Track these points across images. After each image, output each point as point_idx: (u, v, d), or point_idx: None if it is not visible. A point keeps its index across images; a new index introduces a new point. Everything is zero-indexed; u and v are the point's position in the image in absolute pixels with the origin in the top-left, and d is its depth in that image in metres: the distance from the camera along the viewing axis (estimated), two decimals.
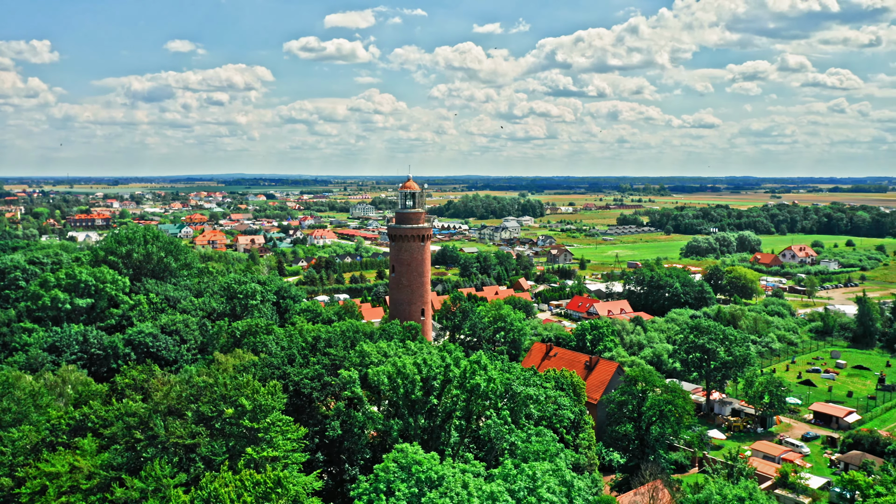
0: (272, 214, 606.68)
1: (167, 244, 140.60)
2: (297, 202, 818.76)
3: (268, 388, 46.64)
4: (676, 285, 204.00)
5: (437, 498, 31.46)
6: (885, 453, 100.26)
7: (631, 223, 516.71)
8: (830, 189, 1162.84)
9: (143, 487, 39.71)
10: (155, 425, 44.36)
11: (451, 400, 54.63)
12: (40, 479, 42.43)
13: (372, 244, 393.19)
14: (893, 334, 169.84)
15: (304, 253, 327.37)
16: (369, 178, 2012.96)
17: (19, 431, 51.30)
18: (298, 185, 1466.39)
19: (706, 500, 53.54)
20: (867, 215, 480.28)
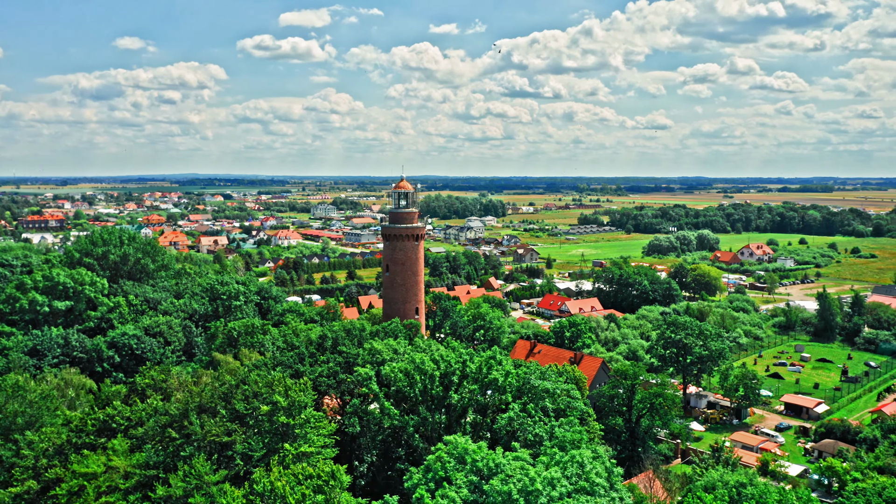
0: (232, 215, 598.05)
1: (144, 245, 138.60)
2: (256, 203, 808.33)
3: (299, 384, 47.20)
4: (645, 283, 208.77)
5: (500, 485, 32.69)
6: (857, 441, 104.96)
7: (592, 223, 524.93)
8: (780, 189, 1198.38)
9: (185, 485, 39.96)
10: (190, 423, 44.54)
11: (469, 395, 55.86)
12: (77, 480, 42.24)
13: (337, 245, 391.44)
14: (852, 328, 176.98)
15: (269, 254, 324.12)
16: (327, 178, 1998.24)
17: (40, 434, 50.78)
18: (255, 185, 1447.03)
19: (712, 486, 55.88)
20: (818, 214, 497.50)
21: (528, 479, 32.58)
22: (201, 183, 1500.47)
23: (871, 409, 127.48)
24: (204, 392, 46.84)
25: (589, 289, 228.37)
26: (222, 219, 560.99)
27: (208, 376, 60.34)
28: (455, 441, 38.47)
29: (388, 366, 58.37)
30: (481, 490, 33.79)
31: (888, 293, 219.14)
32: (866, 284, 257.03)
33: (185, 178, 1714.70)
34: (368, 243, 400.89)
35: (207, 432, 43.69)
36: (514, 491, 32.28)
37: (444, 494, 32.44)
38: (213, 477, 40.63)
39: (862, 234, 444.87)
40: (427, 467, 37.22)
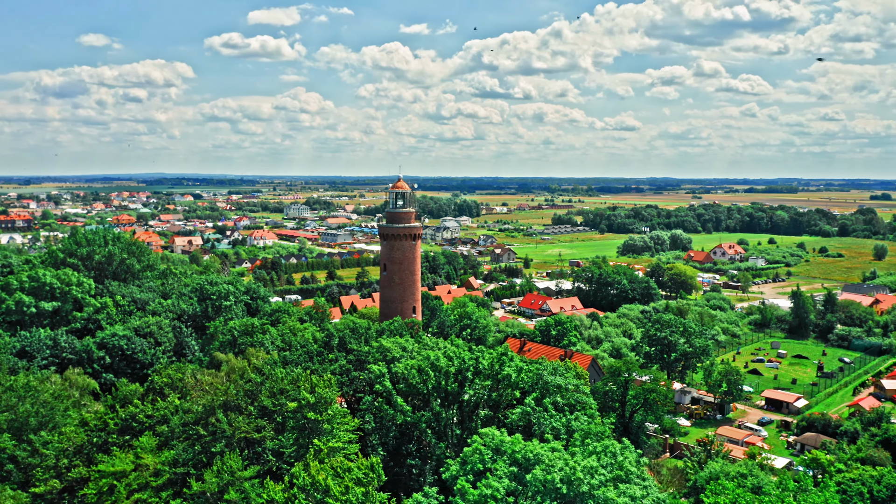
0: (203, 215, 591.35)
1: (129, 245, 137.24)
2: (227, 203, 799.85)
3: (324, 380, 47.86)
4: (624, 282, 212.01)
5: (543, 474, 33.84)
6: (838, 434, 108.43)
7: (566, 223, 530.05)
8: (746, 190, 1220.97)
9: (219, 481, 40.43)
10: (218, 420, 44.95)
11: (483, 390, 57.00)
12: (107, 479, 42.40)
13: (314, 245, 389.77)
14: (826, 325, 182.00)
15: (246, 254, 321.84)
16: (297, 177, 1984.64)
17: (59, 434, 50.75)
18: (224, 184, 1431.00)
19: (716, 477, 57.72)
20: (786, 215, 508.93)
21: (569, 468, 33.81)
22: (169, 182, 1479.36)
23: (848, 403, 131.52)
24: (229, 390, 47.22)
25: (569, 288, 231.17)
26: (194, 219, 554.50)
27: (222, 375, 60.65)
28: (491, 433, 39.57)
29: (401, 363, 59.21)
30: (521, 480, 34.93)
31: (857, 291, 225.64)
32: (835, 283, 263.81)
33: (153, 178, 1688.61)
34: (345, 243, 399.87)
35: (237, 429, 44.17)
36: (556, 479, 33.48)
37: (487, 485, 33.47)
38: (245, 472, 41.15)
39: (828, 234, 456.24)
40: (463, 459, 38.25)
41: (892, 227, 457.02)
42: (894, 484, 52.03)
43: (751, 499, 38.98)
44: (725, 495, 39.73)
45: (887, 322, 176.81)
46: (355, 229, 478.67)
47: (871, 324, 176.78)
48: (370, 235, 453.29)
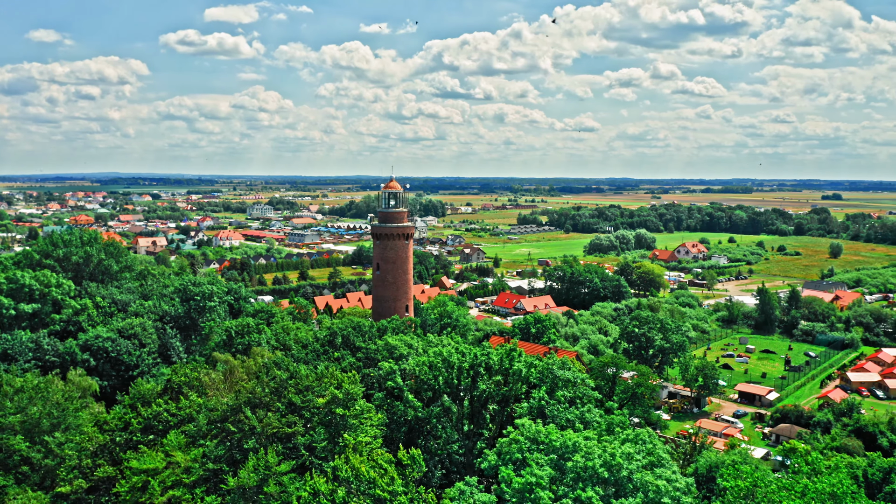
0: (164, 216, 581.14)
1: (107, 246, 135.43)
2: (188, 203, 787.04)
3: (350, 377, 48.76)
4: (596, 280, 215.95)
5: (584, 461, 35.45)
6: (811, 425, 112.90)
7: (531, 222, 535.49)
8: (703, 190, 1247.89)
9: (257, 476, 41.12)
10: (247, 417, 45.53)
11: (493, 385, 58.51)
12: (140, 476, 42.70)
13: (281, 245, 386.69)
14: (790, 321, 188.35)
15: (213, 255, 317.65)
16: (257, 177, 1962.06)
17: (80, 434, 50.74)
18: (181, 184, 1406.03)
19: (716, 465, 60.27)
20: (744, 214, 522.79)
21: (608, 454, 35.51)
22: (124, 182, 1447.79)
23: (816, 395, 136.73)
24: (257, 387, 47.82)
25: (541, 287, 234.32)
26: (155, 219, 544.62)
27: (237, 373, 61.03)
28: (527, 424, 41.07)
29: (411, 360, 60.35)
30: (560, 468, 36.48)
31: (818, 288, 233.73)
32: (795, 280, 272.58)
33: (107, 178, 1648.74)
34: (312, 244, 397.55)
35: (267, 425, 44.84)
36: (597, 465, 35.13)
37: (531, 472, 34.92)
38: (281, 467, 41.92)
39: (785, 233, 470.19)
40: (500, 450, 39.68)
41: (845, 226, 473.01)
42: (886, 467, 55.30)
43: (769, 480, 41.24)
44: (743, 478, 41.88)
45: (849, 318, 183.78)
46: (322, 229, 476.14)
47: (833, 319, 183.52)
48: (337, 235, 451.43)
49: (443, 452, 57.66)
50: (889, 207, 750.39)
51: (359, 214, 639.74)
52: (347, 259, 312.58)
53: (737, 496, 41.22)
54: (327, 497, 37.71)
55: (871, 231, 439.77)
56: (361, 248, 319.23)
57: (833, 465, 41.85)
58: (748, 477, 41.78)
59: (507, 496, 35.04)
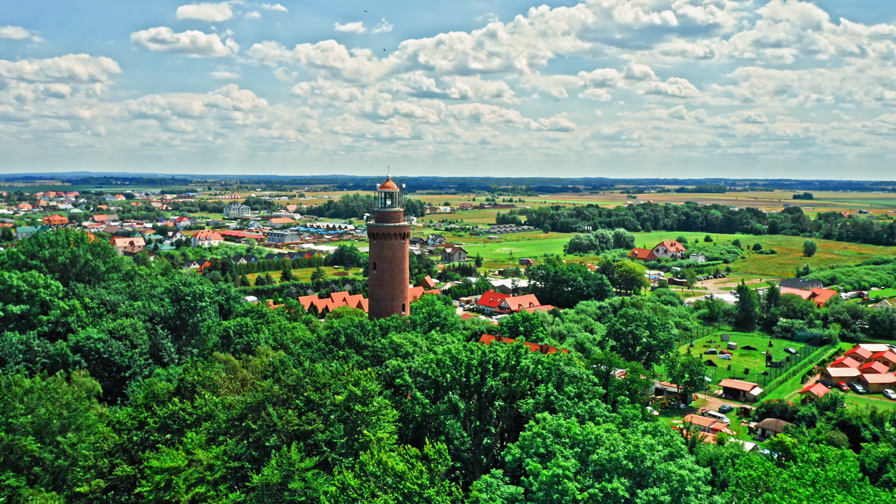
0: (140, 215, 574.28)
1: (94, 246, 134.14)
2: (163, 202, 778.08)
3: (367, 374, 49.36)
4: (579, 279, 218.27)
5: (608, 453, 36.54)
6: (795, 419, 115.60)
7: (510, 222, 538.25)
8: (677, 189, 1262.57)
9: (281, 472, 41.61)
10: (268, 414, 45.95)
11: (501, 382, 59.48)
12: (163, 475, 42.94)
13: (261, 245, 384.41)
14: (770, 318, 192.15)
15: (193, 255, 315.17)
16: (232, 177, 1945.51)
17: (96, 434, 50.82)
18: (155, 184, 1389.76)
19: (716, 458, 61.87)
20: (720, 213, 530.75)
21: (632, 445, 36.65)
22: (96, 182, 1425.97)
23: (799, 390, 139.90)
24: (274, 386, 48.25)
25: (525, 286, 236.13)
26: (130, 219, 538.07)
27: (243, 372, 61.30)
28: (549, 418, 42.06)
29: (419, 357, 61.10)
30: (583, 460, 37.55)
31: (795, 286, 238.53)
32: (771, 278, 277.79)
33: (78, 177, 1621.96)
34: (292, 243, 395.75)
35: (287, 422, 45.31)
36: (621, 457, 36.26)
37: (557, 464, 35.93)
38: (304, 463, 42.44)
39: (759, 232, 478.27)
40: (523, 444, 40.63)
41: (817, 225, 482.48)
42: (882, 457, 57.32)
43: (779, 470, 42.75)
44: (754, 468, 43.32)
45: (826, 314, 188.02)
46: (301, 229, 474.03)
47: (811, 316, 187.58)
48: (317, 235, 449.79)
49: (452, 448, 58.45)
50: (859, 207, 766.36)
51: (337, 214, 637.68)
52: (329, 259, 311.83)
53: (748, 486, 42.64)
54: (356, 491, 38.36)
55: (842, 230, 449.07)
56: (343, 248, 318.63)
57: (840, 454, 43.43)
58: (759, 467, 43.19)
59: (535, 488, 36.01)
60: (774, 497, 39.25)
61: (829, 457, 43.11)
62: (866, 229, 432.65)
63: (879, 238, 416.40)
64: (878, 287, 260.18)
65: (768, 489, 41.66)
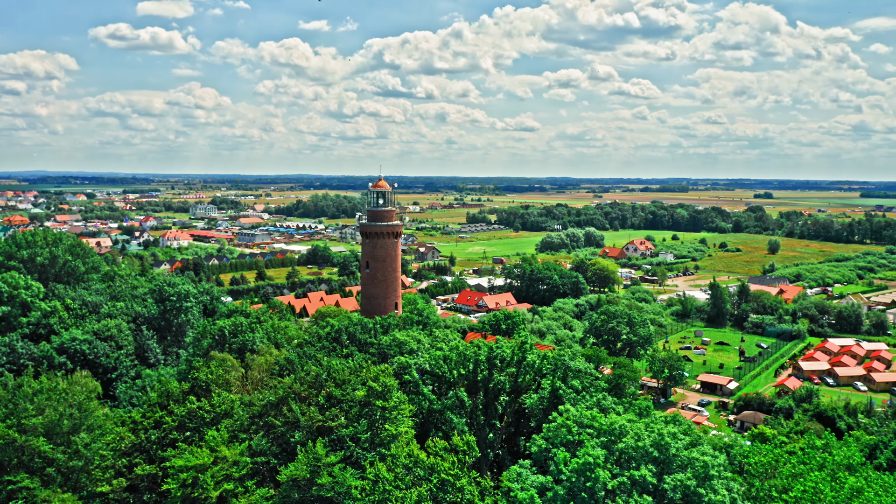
0: (103, 216, 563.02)
1: (73, 246, 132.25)
2: (126, 202, 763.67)
3: (386, 370, 50.17)
4: (555, 278, 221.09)
5: (634, 441, 38.05)
6: (773, 411, 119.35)
7: (480, 221, 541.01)
8: (642, 189, 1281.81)
9: (308, 468, 42.30)
10: (290, 410, 46.55)
11: (507, 377, 60.82)
12: (190, 472, 43.26)
13: (232, 245, 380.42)
14: (741, 314, 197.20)
15: (163, 255, 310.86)
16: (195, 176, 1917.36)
17: (112, 434, 50.82)
18: (115, 183, 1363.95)
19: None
20: (685, 212, 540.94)
21: (657, 434, 38.23)
22: (54, 181, 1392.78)
23: (773, 383, 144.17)
24: (295, 383, 48.83)
25: (501, 284, 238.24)
26: (94, 219, 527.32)
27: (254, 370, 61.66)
28: (572, 410, 43.43)
29: (426, 353, 62.13)
30: (609, 448, 39.01)
31: (762, 283, 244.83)
32: (738, 275, 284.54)
33: (35, 176, 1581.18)
34: (263, 243, 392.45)
35: (311, 418, 45.98)
36: (647, 444, 37.79)
37: (586, 453, 37.30)
38: (331, 458, 43.18)
39: (724, 230, 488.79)
40: (547, 434, 41.94)
41: (780, 224, 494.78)
42: (871, 444, 60.07)
43: (788, 456, 44.80)
44: (763, 455, 45.32)
45: (795, 310, 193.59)
46: (271, 229, 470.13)
47: (780, 312, 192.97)
48: (287, 235, 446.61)
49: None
50: (817, 205, 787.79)
51: (306, 214, 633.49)
52: (303, 259, 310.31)
53: (760, 472, 44.58)
54: (391, 483, 39.25)
55: (804, 228, 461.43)
56: (316, 247, 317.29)
57: (845, 440, 45.66)
58: (768, 453, 45.17)
59: (564, 477, 37.30)
60: (787, 482, 41.22)
61: (833, 442, 45.26)
62: (827, 227, 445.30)
63: (840, 236, 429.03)
64: (842, 283, 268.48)
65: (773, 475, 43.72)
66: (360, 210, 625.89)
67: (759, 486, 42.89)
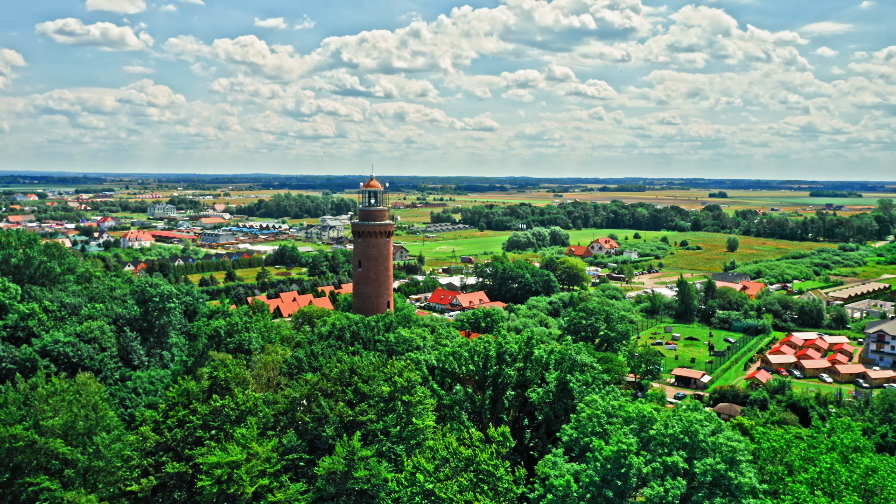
0: (58, 216, 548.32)
1: (48, 247, 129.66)
2: (80, 202, 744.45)
3: (407, 366, 51.26)
4: (527, 276, 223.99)
5: (664, 429, 39.88)
6: (747, 402, 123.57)
7: (445, 221, 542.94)
8: (600, 188, 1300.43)
9: (344, 462, 43.21)
10: (319, 406, 47.29)
11: (516, 371, 62.44)
12: (223, 469, 43.71)
13: (196, 245, 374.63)
14: (708, 310, 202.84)
15: (126, 257, 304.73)
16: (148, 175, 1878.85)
17: (136, 434, 50.90)
18: (66, 183, 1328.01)
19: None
20: (646, 212, 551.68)
21: (686, 421, 40.22)
22: (2, 180, 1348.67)
23: (743, 376, 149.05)
24: (322, 379, 49.56)
25: (473, 283, 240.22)
26: (48, 220, 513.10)
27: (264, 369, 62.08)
28: (599, 400, 45.18)
29: (439, 350, 63.33)
30: (639, 435, 40.86)
31: (725, 279, 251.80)
32: (700, 272, 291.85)
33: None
34: (228, 244, 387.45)
35: (341, 414, 46.83)
36: (677, 431, 39.73)
37: (619, 441, 39.03)
38: (366, 451, 44.17)
39: (683, 229, 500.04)
40: (577, 425, 43.59)
41: (736, 222, 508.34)
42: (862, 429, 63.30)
43: (796, 441, 47.34)
44: (773, 440, 47.75)
45: (760, 306, 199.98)
46: (234, 229, 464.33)
47: (746, 307, 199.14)
48: (251, 235, 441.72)
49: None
50: (770, 204, 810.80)
51: (269, 214, 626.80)
52: (270, 259, 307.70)
53: (772, 455, 46.97)
54: (432, 475, 40.41)
55: (760, 226, 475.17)
56: (284, 248, 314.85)
57: (847, 424, 48.39)
58: (779, 439, 47.60)
59: (599, 464, 38.99)
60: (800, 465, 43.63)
61: (838, 426, 47.94)
62: (782, 226, 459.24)
63: (794, 234, 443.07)
64: (800, 280, 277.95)
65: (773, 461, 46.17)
66: (323, 210, 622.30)
67: (772, 470, 45.24)
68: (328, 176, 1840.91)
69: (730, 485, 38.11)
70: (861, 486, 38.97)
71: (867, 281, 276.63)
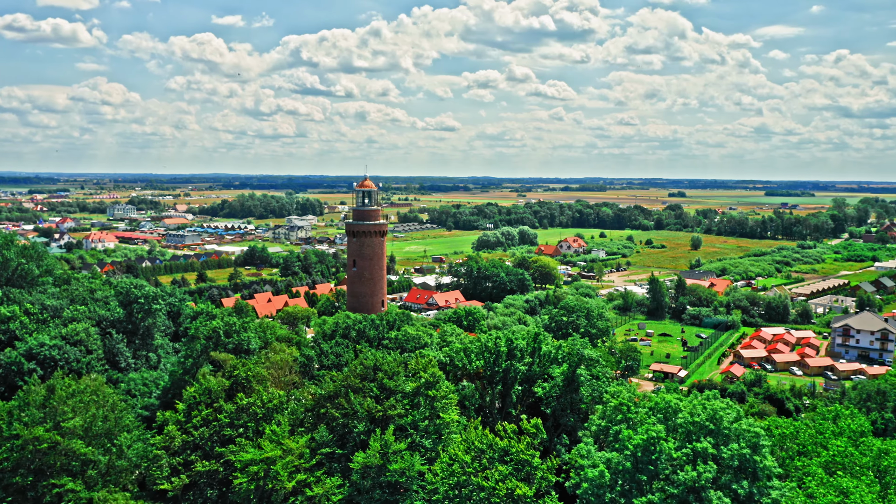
0: (14, 217, 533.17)
1: (26, 249, 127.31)
2: (34, 202, 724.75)
3: (429, 361, 52.42)
4: (502, 275, 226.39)
5: (690, 417, 41.83)
6: (725, 395, 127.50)
7: (412, 220, 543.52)
8: (562, 188, 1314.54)
9: (379, 453, 44.25)
10: (349, 402, 48.19)
11: (525, 366, 64.09)
12: (259, 466, 44.35)
13: (161, 246, 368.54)
14: (679, 307, 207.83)
15: (90, 258, 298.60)
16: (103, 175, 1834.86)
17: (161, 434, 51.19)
18: (18, 183, 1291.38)
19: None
20: (610, 211, 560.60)
21: (711, 409, 42.28)
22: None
23: (718, 370, 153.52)
24: (350, 376, 50.43)
25: (447, 282, 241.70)
26: (4, 221, 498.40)
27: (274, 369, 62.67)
28: (623, 392, 46.99)
29: (450, 346, 64.63)
30: (666, 424, 42.79)
31: (693, 277, 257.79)
32: (667, 270, 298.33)
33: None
34: (194, 244, 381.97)
35: (370, 409, 47.81)
36: (703, 419, 41.76)
37: (647, 429, 40.88)
38: (399, 445, 45.27)
39: (647, 228, 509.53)
40: (603, 414, 45.34)
41: (697, 221, 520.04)
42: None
43: (805, 426, 49.94)
44: (784, 427, 50.29)
45: (729, 302, 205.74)
46: (199, 230, 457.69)
47: (715, 304, 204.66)
48: (217, 236, 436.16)
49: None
50: (727, 203, 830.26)
51: (233, 214, 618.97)
52: (240, 260, 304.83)
53: (781, 441, 49.43)
54: (469, 466, 41.70)
55: (720, 225, 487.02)
56: (254, 248, 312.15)
57: (851, 412, 51.19)
58: (788, 426, 50.11)
59: (629, 451, 40.80)
60: (810, 449, 46.10)
61: (842, 413, 50.66)
62: (742, 224, 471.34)
63: (754, 232, 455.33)
64: (763, 277, 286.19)
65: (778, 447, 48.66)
66: (288, 210, 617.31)
67: (784, 455, 47.68)
68: (289, 176, 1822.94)
69: (755, 468, 40.23)
70: (874, 467, 41.45)
71: (827, 277, 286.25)
